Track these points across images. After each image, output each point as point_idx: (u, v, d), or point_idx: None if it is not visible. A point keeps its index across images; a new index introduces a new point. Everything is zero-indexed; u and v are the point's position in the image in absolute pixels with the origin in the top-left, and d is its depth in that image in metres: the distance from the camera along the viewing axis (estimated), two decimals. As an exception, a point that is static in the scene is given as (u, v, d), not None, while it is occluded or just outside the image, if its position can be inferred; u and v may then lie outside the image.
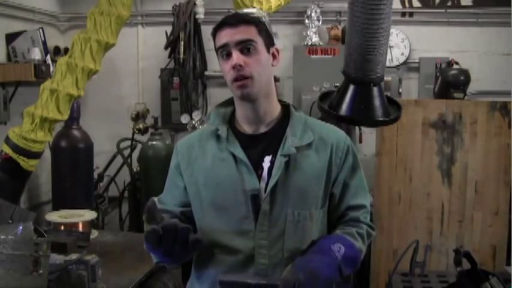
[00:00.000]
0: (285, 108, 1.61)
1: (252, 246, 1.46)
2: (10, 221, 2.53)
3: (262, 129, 1.55)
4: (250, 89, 1.47)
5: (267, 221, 1.47)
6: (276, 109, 1.58)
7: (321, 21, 3.97)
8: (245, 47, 1.46)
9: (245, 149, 1.51)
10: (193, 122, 3.81)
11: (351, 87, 1.79)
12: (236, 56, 1.45)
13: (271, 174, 1.48)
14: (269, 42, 1.53)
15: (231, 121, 1.58)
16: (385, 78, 1.82)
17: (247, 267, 1.46)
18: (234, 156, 1.50)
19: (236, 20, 1.49)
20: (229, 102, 1.62)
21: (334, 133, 1.59)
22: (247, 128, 1.56)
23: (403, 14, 4.12)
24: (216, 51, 1.52)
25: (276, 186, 1.47)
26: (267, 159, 1.50)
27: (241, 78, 1.45)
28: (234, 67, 1.45)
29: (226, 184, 1.49)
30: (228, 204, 1.48)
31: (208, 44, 4.13)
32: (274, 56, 1.55)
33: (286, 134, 1.52)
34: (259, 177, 1.49)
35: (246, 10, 1.57)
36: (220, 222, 1.49)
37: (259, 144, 1.53)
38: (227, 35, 1.47)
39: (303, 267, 1.33)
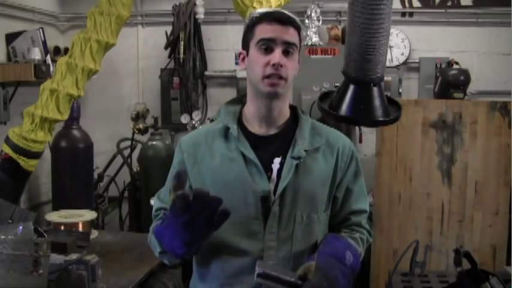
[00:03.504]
0: (293, 110, 1.61)
1: (260, 248, 1.46)
2: (10, 221, 2.52)
3: (273, 131, 1.55)
4: (280, 89, 1.47)
5: (276, 222, 1.47)
6: (287, 112, 1.59)
7: (321, 21, 3.97)
8: (287, 49, 1.47)
9: (255, 150, 1.50)
10: (193, 122, 3.81)
11: (351, 87, 1.78)
12: (279, 55, 1.45)
13: (280, 176, 1.48)
14: (300, 51, 1.55)
15: (239, 120, 1.57)
16: (385, 78, 1.82)
17: (255, 269, 1.45)
18: (244, 156, 1.49)
19: (287, 20, 1.50)
20: (238, 101, 1.62)
21: (340, 138, 1.61)
22: (257, 128, 1.55)
23: (403, 14, 4.12)
24: (253, 42, 1.49)
25: (286, 188, 1.47)
26: (277, 161, 1.50)
27: (277, 77, 1.45)
28: (273, 64, 1.45)
29: (235, 185, 1.48)
30: (236, 205, 1.46)
31: (208, 44, 4.14)
32: None
33: (296, 136, 1.53)
34: (269, 178, 1.48)
35: (288, 13, 1.57)
36: (228, 223, 1.43)
37: (270, 146, 1.52)
38: (276, 31, 1.47)
39: (326, 272, 1.32)
